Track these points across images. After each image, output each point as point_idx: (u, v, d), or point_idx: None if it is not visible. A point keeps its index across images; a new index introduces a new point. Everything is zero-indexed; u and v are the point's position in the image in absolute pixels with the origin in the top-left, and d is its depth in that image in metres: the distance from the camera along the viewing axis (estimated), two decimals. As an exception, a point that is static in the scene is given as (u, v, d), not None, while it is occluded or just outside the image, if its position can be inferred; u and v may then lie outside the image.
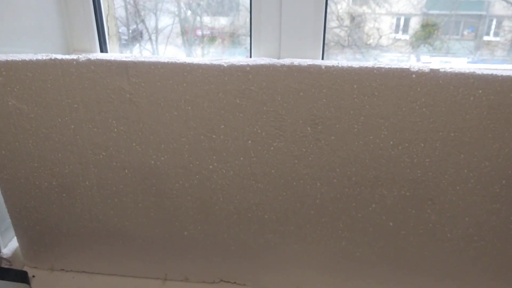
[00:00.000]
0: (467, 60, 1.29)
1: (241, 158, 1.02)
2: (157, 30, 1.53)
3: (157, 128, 1.00)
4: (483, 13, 1.25)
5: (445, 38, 1.27)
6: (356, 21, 1.31)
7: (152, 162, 1.05)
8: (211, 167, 1.04)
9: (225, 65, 0.92)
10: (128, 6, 1.52)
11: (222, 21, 1.46)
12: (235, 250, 1.15)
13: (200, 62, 0.92)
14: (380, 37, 1.32)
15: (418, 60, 1.33)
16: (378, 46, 1.33)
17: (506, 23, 1.24)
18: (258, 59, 0.93)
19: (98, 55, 0.95)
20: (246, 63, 0.92)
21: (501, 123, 0.88)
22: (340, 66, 0.89)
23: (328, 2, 1.22)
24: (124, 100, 0.98)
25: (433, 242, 1.04)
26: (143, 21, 1.54)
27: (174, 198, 1.09)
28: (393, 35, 1.31)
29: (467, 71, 0.84)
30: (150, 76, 0.95)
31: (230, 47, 1.48)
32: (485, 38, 1.27)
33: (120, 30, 1.57)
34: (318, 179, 1.02)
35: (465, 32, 1.28)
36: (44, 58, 0.96)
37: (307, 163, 1.00)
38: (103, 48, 1.48)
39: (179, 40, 1.53)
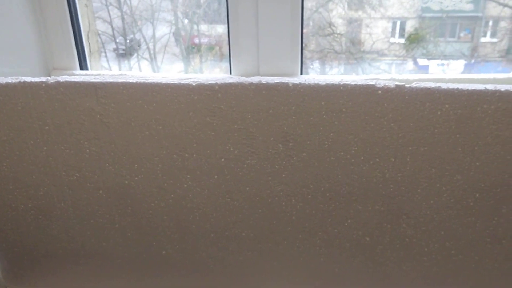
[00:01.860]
0: (464, 62, 1.30)
1: (215, 177, 1.01)
2: (154, 39, 1.53)
3: (129, 148, 1.00)
4: (479, 14, 1.26)
5: (441, 40, 1.27)
6: (351, 26, 1.31)
7: (126, 182, 1.04)
8: (185, 186, 1.03)
9: (194, 84, 0.92)
10: (125, 16, 1.52)
11: (219, 29, 1.46)
12: (214, 268, 1.14)
13: (168, 82, 0.92)
14: (374, 42, 1.32)
15: (415, 63, 1.33)
16: (373, 51, 1.33)
17: (502, 24, 1.24)
18: (227, 77, 0.93)
19: (66, 77, 0.95)
20: (215, 82, 0.92)
21: (470, 137, 0.87)
22: (307, 83, 0.89)
23: (321, 9, 1.22)
24: (94, 121, 0.98)
25: (411, 257, 1.04)
26: (140, 30, 1.54)
27: (150, 218, 1.08)
28: (389, 39, 1.31)
29: (433, 86, 0.84)
30: (119, 96, 0.95)
31: (228, 55, 1.48)
32: (482, 39, 1.27)
33: (117, 40, 1.57)
34: (293, 196, 1.01)
35: (462, 34, 1.28)
36: (13, 81, 0.96)
37: (281, 180, 0.99)
38: (83, 66, 1.48)
39: (177, 49, 1.53)
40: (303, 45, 1.28)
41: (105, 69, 1.57)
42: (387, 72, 1.34)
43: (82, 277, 1.21)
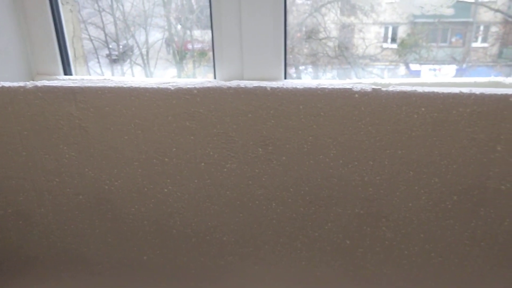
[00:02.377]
0: (455, 67, 1.30)
1: (195, 181, 1.01)
2: (147, 45, 1.52)
3: (108, 153, 1.00)
4: (470, 20, 1.26)
5: (433, 45, 1.28)
6: (344, 31, 1.31)
7: (106, 187, 1.04)
8: (165, 190, 1.03)
9: (172, 88, 0.92)
10: (118, 22, 1.51)
11: (213, 35, 1.45)
12: (196, 273, 1.14)
13: (147, 86, 0.92)
14: (367, 47, 1.32)
15: (407, 68, 1.33)
16: (366, 56, 1.34)
17: (493, 29, 1.25)
18: (205, 82, 0.93)
19: (45, 82, 0.94)
20: (193, 86, 0.92)
21: (447, 140, 0.88)
22: (285, 87, 0.89)
23: (315, 13, 1.22)
24: (73, 126, 0.97)
25: (391, 259, 1.04)
26: (133, 36, 1.54)
27: (130, 223, 1.08)
28: (381, 44, 1.31)
29: (409, 89, 0.85)
30: (98, 101, 0.94)
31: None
32: (474, 44, 1.28)
33: (110, 46, 1.56)
34: (273, 200, 1.01)
35: (453, 39, 1.28)
36: (-10, 86, 0.95)
37: (261, 183, 0.99)
38: (67, 71, 1.48)
39: (170, 55, 1.52)
40: (296, 50, 1.29)
41: (97, 75, 1.57)
42: (379, 77, 1.35)
43: (63, 282, 1.20)
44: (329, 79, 1.38)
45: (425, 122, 0.87)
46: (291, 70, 1.40)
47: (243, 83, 0.90)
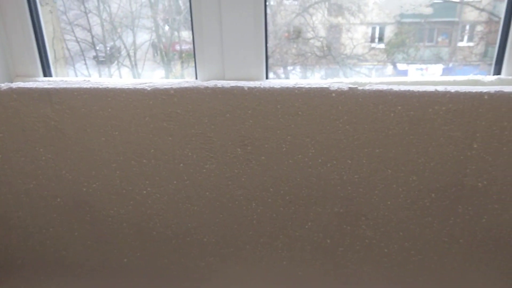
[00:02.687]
0: (442, 66, 1.31)
1: (174, 182, 1.00)
2: (135, 46, 1.51)
3: (85, 155, 0.98)
4: (456, 19, 1.27)
5: (420, 45, 1.28)
6: (331, 31, 1.31)
7: (84, 189, 1.03)
8: (144, 192, 1.02)
9: (149, 88, 0.91)
10: (105, 23, 1.50)
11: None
12: (177, 275, 1.13)
13: (123, 87, 0.91)
14: (354, 46, 1.32)
15: (395, 68, 1.34)
16: (354, 56, 1.34)
17: (478, 28, 1.25)
18: (183, 82, 0.93)
19: (20, 84, 0.93)
20: (170, 86, 0.91)
21: (423, 138, 0.88)
22: (262, 87, 0.89)
23: (304, 13, 1.22)
24: (49, 127, 0.96)
25: (371, 258, 1.04)
26: (120, 37, 1.52)
27: (110, 225, 1.07)
28: (369, 44, 1.32)
29: (385, 88, 0.85)
30: (74, 102, 0.93)
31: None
32: (459, 44, 1.29)
33: (97, 48, 1.55)
34: (253, 200, 1.01)
35: (440, 39, 1.29)
36: (-37, 88, 0.94)
37: (241, 184, 0.99)
38: (46, 72, 1.46)
39: (158, 56, 1.51)
40: (285, 50, 1.28)
41: (84, 76, 1.55)
42: (367, 76, 1.35)
43: (42, 286, 1.19)
44: (317, 79, 1.38)
45: (402, 121, 0.87)
46: (279, 71, 1.40)
47: (220, 83, 0.90)
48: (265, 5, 1.24)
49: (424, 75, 1.33)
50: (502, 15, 1.10)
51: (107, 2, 1.43)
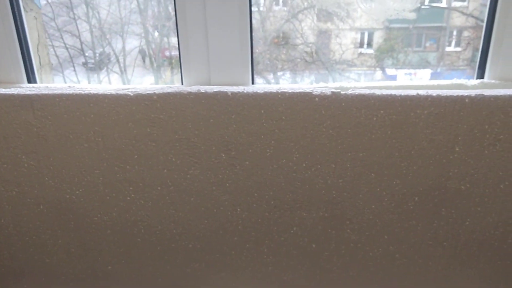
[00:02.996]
0: (430, 71, 1.32)
1: (158, 188, 1.00)
2: (124, 53, 1.50)
3: (68, 161, 0.97)
4: (444, 24, 1.28)
5: (408, 50, 1.29)
6: (321, 37, 1.31)
7: (67, 196, 1.02)
8: (128, 198, 1.01)
9: (131, 94, 0.91)
10: (94, 30, 1.49)
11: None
12: (162, 282, 1.12)
13: (105, 93, 0.91)
14: (343, 52, 1.33)
15: (384, 73, 1.34)
16: (343, 61, 1.34)
17: (466, 33, 1.27)
18: (166, 87, 0.92)
19: (1, 90, 0.92)
20: (153, 92, 0.91)
21: (406, 142, 0.89)
22: (245, 92, 0.89)
23: (293, 19, 1.22)
24: (31, 134, 0.95)
25: (356, 262, 1.04)
26: (109, 43, 1.51)
27: (93, 232, 1.06)
28: (358, 49, 1.32)
29: (367, 92, 0.86)
30: (56, 108, 0.92)
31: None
32: (447, 49, 1.30)
33: (86, 54, 1.54)
34: (238, 205, 1.00)
35: (428, 44, 1.30)
36: None
37: (225, 189, 0.99)
38: (31, 79, 1.45)
39: (147, 61, 1.50)
40: (274, 55, 1.29)
41: (74, 83, 1.54)
42: (356, 81, 1.36)
43: (26, 296, 1.17)
44: (306, 84, 1.39)
45: (384, 125, 0.88)
46: (269, 76, 1.40)
47: (203, 88, 0.90)
48: (250, 10, 1.24)
49: (412, 80, 1.34)
50: (485, 20, 1.12)
51: (96, 9, 1.42)
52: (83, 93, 0.91)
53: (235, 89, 0.89)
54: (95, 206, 1.02)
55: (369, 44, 1.33)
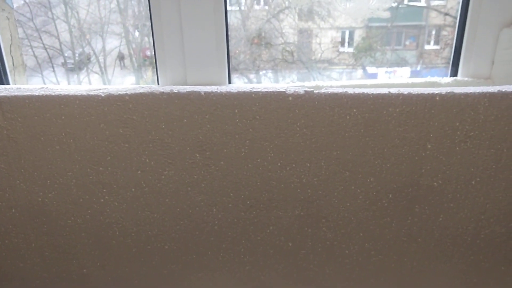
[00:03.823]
0: (410, 69, 1.33)
1: (133, 190, 0.99)
2: (104, 53, 1.48)
3: (40, 164, 0.96)
4: (423, 23, 1.29)
5: (388, 49, 1.30)
6: (302, 36, 1.31)
7: (40, 199, 1.00)
8: (102, 200, 1.00)
9: (103, 95, 0.89)
10: (73, 30, 1.46)
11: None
12: (138, 284, 1.11)
13: (76, 93, 0.89)
14: (323, 51, 1.33)
15: (364, 71, 1.35)
16: (324, 60, 1.34)
17: (444, 32, 1.28)
18: (138, 87, 0.91)
19: (-33, 92, 0.90)
20: (125, 92, 0.90)
21: (379, 140, 0.90)
22: (219, 91, 0.88)
23: (274, 19, 1.21)
24: (1, 136, 0.93)
25: (333, 259, 1.05)
26: (89, 44, 1.49)
27: (67, 235, 1.04)
28: (338, 48, 1.33)
29: (340, 91, 0.86)
30: (26, 110, 0.91)
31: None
32: (426, 47, 1.31)
33: (66, 54, 1.51)
34: (214, 205, 1.00)
35: (407, 43, 1.31)
36: None
37: (200, 189, 0.98)
38: (3, 80, 1.42)
39: (128, 62, 1.48)
40: (255, 55, 1.28)
41: (53, 84, 1.51)
42: (337, 81, 1.36)
43: (-1, 302, 1.15)
44: (288, 83, 1.39)
45: (358, 123, 0.88)
46: (251, 75, 1.40)
47: (176, 88, 0.89)
48: (226, 9, 1.24)
49: (391, 78, 1.36)
50: (457, 18, 1.13)
51: (75, 8, 1.40)
52: (53, 94, 0.89)
53: (208, 89, 0.89)
54: (68, 208, 1.00)
55: (350, 43, 1.34)
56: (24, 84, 1.46)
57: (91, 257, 1.07)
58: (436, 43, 1.32)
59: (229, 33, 1.27)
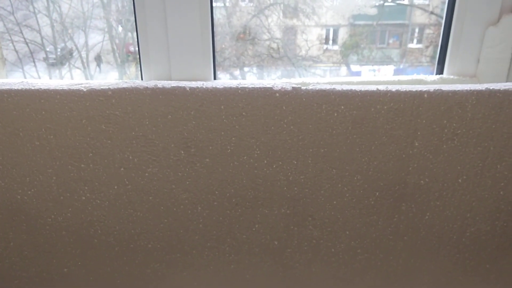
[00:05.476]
0: (393, 67, 1.33)
1: (115, 187, 0.96)
2: (87, 48, 1.45)
3: (19, 160, 0.93)
4: (406, 22, 1.29)
5: (372, 47, 1.30)
6: (287, 33, 1.30)
7: (19, 197, 0.97)
8: (83, 198, 0.97)
9: (85, 89, 0.87)
10: (55, 24, 1.43)
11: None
12: (121, 283, 1.08)
13: (57, 88, 0.87)
14: (309, 48, 1.32)
15: (348, 69, 1.34)
16: (309, 58, 1.33)
17: (427, 31, 1.28)
18: (121, 82, 0.89)
19: None
20: (108, 87, 0.87)
21: (366, 137, 0.89)
22: (204, 87, 0.86)
23: (259, 15, 1.20)
24: (-22, 132, 0.90)
25: (319, 258, 1.04)
26: (71, 38, 1.45)
27: (47, 234, 1.01)
28: (323, 46, 1.32)
29: (328, 88, 0.85)
30: (5, 105, 0.88)
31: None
32: (409, 45, 1.31)
33: (48, 49, 1.47)
34: (199, 203, 0.98)
35: (391, 41, 1.31)
36: None
37: (185, 187, 0.96)
38: (-20, 75, 1.38)
39: (111, 57, 1.46)
40: (241, 51, 1.27)
41: (34, 79, 1.48)
42: (321, 77, 1.36)
43: (-25, 302, 1.12)
44: (273, 79, 1.38)
45: (345, 120, 0.87)
46: (236, 72, 1.38)
47: (161, 83, 0.87)
48: (211, 4, 1.22)
49: (376, 76, 1.36)
50: (443, 16, 1.13)
51: (58, 2, 1.37)
52: (33, 88, 0.86)
53: (193, 84, 0.87)
54: (49, 206, 0.97)
55: (334, 41, 1.34)
56: (4, 79, 1.42)
57: (72, 256, 1.04)
58: (419, 41, 1.32)
59: (214, 29, 1.25)
